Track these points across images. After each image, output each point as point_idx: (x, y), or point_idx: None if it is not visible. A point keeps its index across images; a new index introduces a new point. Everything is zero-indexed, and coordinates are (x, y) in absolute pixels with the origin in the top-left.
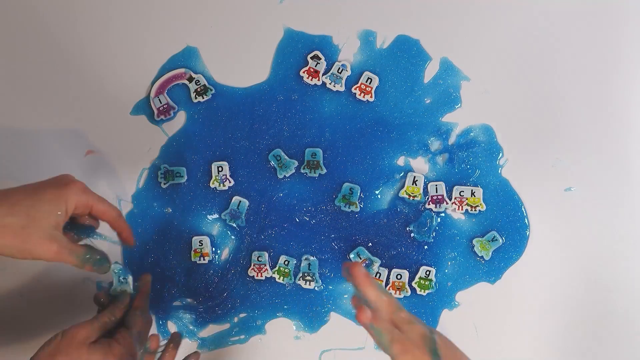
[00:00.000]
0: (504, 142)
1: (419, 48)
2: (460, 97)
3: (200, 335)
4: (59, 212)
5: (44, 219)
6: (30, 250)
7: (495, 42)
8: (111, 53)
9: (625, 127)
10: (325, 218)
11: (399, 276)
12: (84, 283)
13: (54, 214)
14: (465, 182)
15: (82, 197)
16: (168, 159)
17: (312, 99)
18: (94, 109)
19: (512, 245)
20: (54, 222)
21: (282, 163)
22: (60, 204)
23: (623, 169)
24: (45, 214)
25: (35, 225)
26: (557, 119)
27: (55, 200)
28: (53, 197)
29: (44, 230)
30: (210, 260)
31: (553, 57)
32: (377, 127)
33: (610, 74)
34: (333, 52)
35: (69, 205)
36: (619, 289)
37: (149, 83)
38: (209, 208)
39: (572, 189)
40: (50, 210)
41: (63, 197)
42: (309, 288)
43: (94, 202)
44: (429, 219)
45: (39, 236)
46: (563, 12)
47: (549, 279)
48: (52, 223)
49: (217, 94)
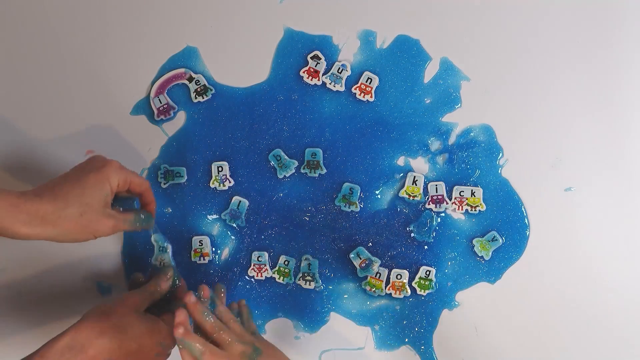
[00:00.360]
0: (504, 142)
1: (419, 48)
2: (460, 97)
3: None
4: (106, 193)
5: (96, 202)
6: (92, 232)
7: (495, 42)
8: (111, 53)
9: (625, 127)
10: (325, 218)
11: (399, 276)
12: (84, 283)
13: (102, 195)
14: (465, 182)
15: (121, 174)
16: (168, 159)
17: (312, 99)
18: (94, 109)
19: (512, 245)
20: (104, 202)
21: (282, 163)
22: (105, 186)
23: (623, 169)
24: (96, 198)
25: (91, 210)
26: (557, 119)
27: (99, 184)
28: (96, 181)
29: (98, 211)
30: (210, 260)
31: (553, 57)
32: (377, 127)
33: (610, 74)
34: (333, 52)
35: (112, 184)
36: (619, 289)
37: (149, 83)
38: (209, 208)
39: (572, 189)
40: (99, 194)
41: (105, 178)
42: (309, 288)
43: (132, 176)
44: (429, 219)
45: (96, 218)
46: (563, 12)
47: (549, 279)
48: (102, 203)
49: (217, 94)
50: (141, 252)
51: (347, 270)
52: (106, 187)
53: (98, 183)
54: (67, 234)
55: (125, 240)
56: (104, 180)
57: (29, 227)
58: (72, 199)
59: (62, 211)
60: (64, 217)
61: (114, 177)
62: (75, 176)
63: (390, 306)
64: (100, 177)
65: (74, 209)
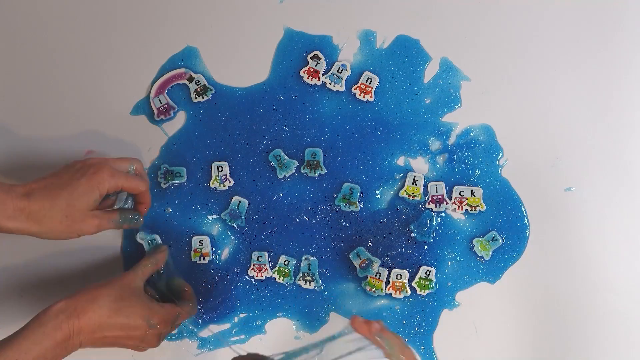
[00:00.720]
0: (504, 142)
1: (419, 48)
2: (460, 97)
3: (200, 335)
4: (94, 199)
5: (83, 205)
6: (76, 231)
7: (495, 42)
8: (111, 53)
9: (625, 127)
10: (325, 218)
11: (399, 276)
12: (84, 281)
13: (90, 201)
14: (465, 182)
15: (112, 181)
16: (168, 159)
17: (312, 99)
18: (94, 108)
19: (512, 245)
20: (92, 205)
21: (282, 163)
22: (94, 193)
23: (623, 169)
24: (83, 203)
25: (76, 212)
26: (557, 119)
27: (89, 191)
28: (86, 188)
29: (84, 212)
30: (210, 260)
31: (553, 57)
32: (377, 127)
33: (610, 74)
34: (333, 52)
35: (102, 190)
36: (619, 289)
37: (149, 83)
38: (209, 208)
39: (572, 189)
40: (87, 200)
41: (95, 185)
42: (309, 288)
43: (122, 182)
44: (429, 219)
45: (80, 219)
46: (563, 12)
47: (549, 279)
48: (89, 206)
49: (217, 94)
50: (141, 250)
51: (347, 270)
52: (95, 194)
53: (88, 190)
54: (50, 232)
55: (125, 239)
56: (94, 188)
57: (13, 222)
58: (59, 202)
59: (47, 211)
60: (49, 216)
61: (104, 185)
62: (67, 179)
63: (390, 306)
64: (91, 184)
65: (59, 211)
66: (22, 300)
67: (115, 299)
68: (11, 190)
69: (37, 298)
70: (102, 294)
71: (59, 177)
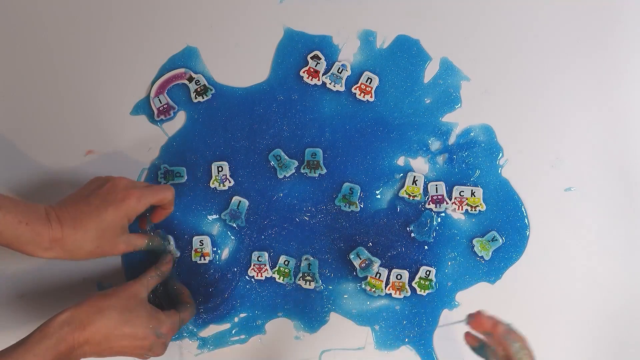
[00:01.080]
0: (504, 142)
1: (419, 48)
2: (460, 97)
3: (200, 335)
4: (123, 225)
5: (112, 234)
6: (103, 255)
7: (495, 42)
8: (111, 53)
9: (625, 127)
10: (325, 218)
11: (399, 276)
12: (85, 283)
13: (119, 227)
14: (465, 182)
15: (139, 206)
16: (168, 159)
17: (312, 99)
18: (94, 108)
19: (512, 245)
20: (120, 231)
21: (282, 163)
22: (123, 220)
23: (623, 169)
24: (112, 231)
25: (106, 242)
26: (557, 119)
27: (117, 219)
28: (115, 217)
29: (114, 240)
30: (210, 260)
31: (553, 57)
32: (377, 127)
33: (610, 74)
34: (333, 52)
35: (130, 217)
36: (619, 289)
37: (149, 83)
38: (209, 208)
39: (572, 189)
40: (115, 227)
41: (123, 213)
42: (309, 288)
43: (150, 202)
44: (429, 219)
45: (110, 247)
46: (563, 12)
47: (549, 279)
48: (119, 233)
49: (217, 94)
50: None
51: (347, 270)
52: (124, 220)
53: (116, 219)
54: (80, 257)
55: None
56: (122, 215)
57: (49, 253)
58: (90, 232)
59: (80, 242)
60: (80, 247)
61: (132, 211)
62: (95, 205)
63: (390, 306)
64: (119, 214)
65: (91, 242)
66: (22, 305)
67: (122, 310)
68: (47, 220)
69: (37, 303)
70: (109, 306)
71: (88, 204)
